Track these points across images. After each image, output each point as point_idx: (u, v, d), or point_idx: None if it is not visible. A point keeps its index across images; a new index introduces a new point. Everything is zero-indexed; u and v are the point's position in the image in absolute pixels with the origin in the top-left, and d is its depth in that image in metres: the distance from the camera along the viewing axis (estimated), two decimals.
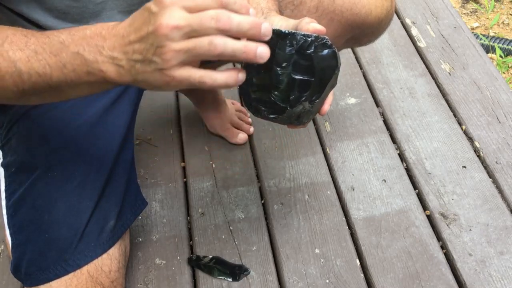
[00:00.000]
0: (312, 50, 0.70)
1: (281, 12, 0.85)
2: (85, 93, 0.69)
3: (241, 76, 0.63)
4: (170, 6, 0.57)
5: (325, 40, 0.71)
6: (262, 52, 0.60)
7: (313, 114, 0.75)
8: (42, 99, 0.72)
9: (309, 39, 0.70)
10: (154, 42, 0.58)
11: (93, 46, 0.63)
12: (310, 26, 0.72)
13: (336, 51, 0.72)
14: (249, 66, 0.72)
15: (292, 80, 0.71)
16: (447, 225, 1.16)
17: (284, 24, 0.76)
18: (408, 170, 1.28)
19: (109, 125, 0.97)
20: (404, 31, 1.66)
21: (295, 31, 0.71)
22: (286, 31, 0.70)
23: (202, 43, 0.58)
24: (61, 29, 0.67)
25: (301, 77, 0.71)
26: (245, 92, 0.74)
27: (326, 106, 0.75)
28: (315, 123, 1.39)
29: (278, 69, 0.71)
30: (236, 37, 0.60)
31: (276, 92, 0.72)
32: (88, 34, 0.64)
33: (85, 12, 0.84)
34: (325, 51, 0.71)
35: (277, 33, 0.70)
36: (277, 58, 0.70)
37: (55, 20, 0.81)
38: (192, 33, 0.58)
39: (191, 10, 0.58)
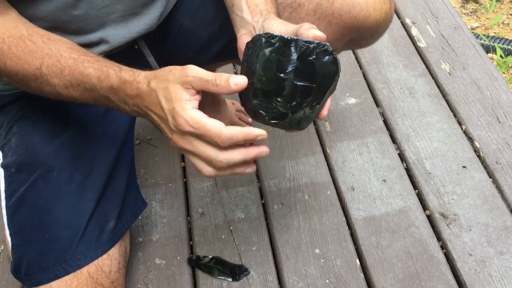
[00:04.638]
0: (314, 56, 0.71)
1: (279, 14, 0.85)
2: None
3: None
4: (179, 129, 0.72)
5: (326, 47, 0.71)
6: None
7: (312, 119, 0.76)
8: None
9: (311, 46, 0.71)
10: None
11: (121, 97, 0.76)
12: (310, 32, 0.72)
13: (337, 57, 0.72)
14: (250, 72, 0.71)
15: (295, 87, 0.71)
16: (447, 225, 1.16)
17: (283, 28, 0.76)
18: (408, 170, 1.28)
19: (110, 126, 0.98)
20: (404, 31, 1.66)
21: (298, 38, 0.71)
22: (289, 38, 0.71)
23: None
24: (88, 65, 0.77)
25: (303, 84, 0.71)
26: (246, 97, 0.74)
27: (325, 111, 0.76)
28: (315, 123, 1.39)
29: (282, 75, 0.71)
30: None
31: (278, 98, 0.72)
32: (115, 87, 0.75)
33: (87, 19, 0.84)
34: (326, 58, 0.71)
35: (280, 39, 0.70)
36: (281, 64, 0.71)
37: (56, 34, 0.82)
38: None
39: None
